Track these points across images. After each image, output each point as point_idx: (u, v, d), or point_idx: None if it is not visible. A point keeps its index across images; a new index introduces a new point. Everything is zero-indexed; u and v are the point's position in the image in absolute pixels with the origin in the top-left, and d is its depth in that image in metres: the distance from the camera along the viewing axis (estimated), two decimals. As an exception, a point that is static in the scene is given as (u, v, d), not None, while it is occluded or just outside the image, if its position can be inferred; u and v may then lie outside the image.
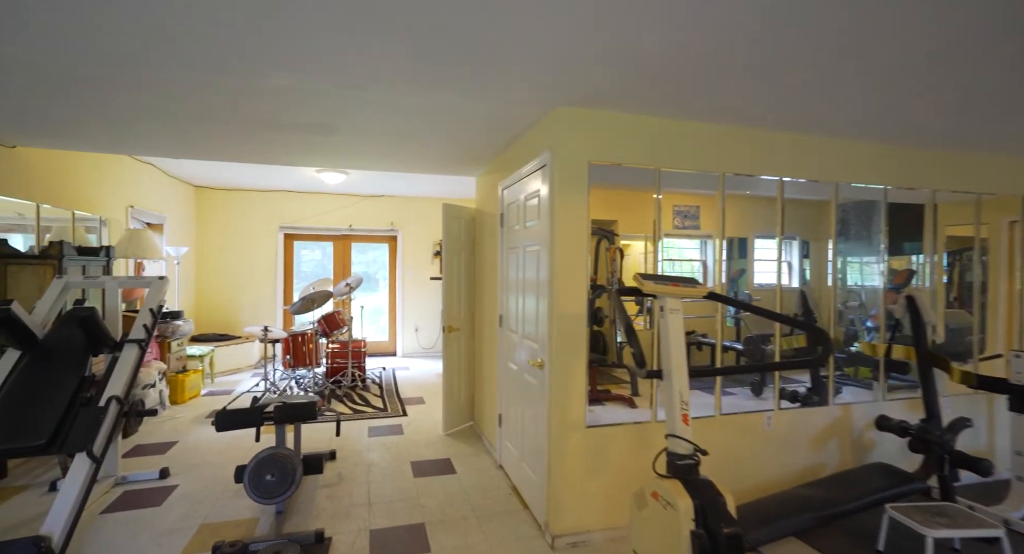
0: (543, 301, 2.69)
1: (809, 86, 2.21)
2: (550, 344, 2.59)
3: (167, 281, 3.26)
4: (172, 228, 6.17)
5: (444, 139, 3.28)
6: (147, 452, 3.80)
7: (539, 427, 2.74)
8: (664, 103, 2.45)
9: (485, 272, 4.14)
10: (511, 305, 3.33)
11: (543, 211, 2.71)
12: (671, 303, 1.95)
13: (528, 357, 2.93)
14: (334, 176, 5.91)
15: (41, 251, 3.30)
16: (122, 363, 2.79)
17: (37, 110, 2.77)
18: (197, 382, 5.40)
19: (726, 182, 2.78)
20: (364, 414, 4.81)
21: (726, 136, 2.77)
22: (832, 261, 3.07)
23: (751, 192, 2.96)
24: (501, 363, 3.54)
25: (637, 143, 2.62)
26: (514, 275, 3.25)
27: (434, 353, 7.91)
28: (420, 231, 7.89)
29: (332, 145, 3.45)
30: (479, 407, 4.35)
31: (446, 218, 4.22)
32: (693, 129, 2.71)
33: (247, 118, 2.85)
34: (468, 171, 4.36)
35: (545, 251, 2.64)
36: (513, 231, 3.31)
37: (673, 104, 2.46)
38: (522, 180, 3.10)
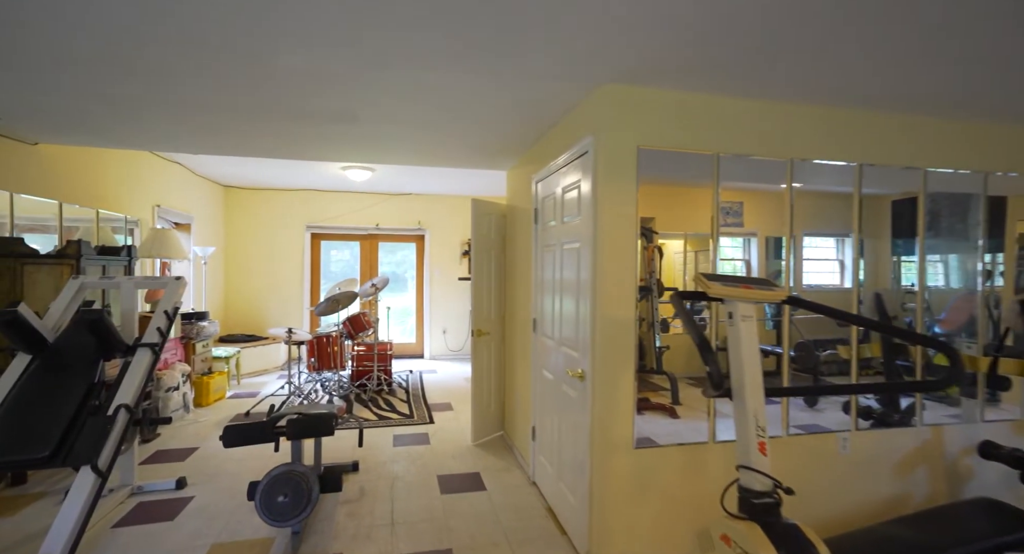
0: (584, 305, 2.39)
1: (926, 55, 1.85)
2: (592, 353, 2.30)
3: (184, 282, 3.10)
4: (200, 228, 6.12)
5: (472, 129, 3.02)
6: (166, 458, 3.67)
7: (579, 445, 2.45)
8: (727, 77, 2.12)
9: (517, 272, 3.87)
10: (546, 308, 3.05)
11: (584, 204, 2.42)
12: (743, 309, 1.64)
13: (566, 366, 2.63)
14: (360, 173, 5.74)
15: (58, 251, 3.19)
16: (133, 369, 2.63)
17: (45, 102, 2.64)
18: (222, 384, 5.30)
19: (769, 172, 2.42)
20: (389, 421, 4.60)
21: (795, 116, 2.42)
22: (920, 260, 2.67)
23: (803, 185, 2.58)
24: (535, 371, 3.26)
25: (692, 125, 2.30)
26: (550, 276, 2.97)
27: (462, 355, 7.68)
28: (448, 230, 7.68)
29: (355, 136, 3.23)
30: (510, 416, 4.08)
31: (475, 214, 3.97)
32: (758, 109, 2.37)
33: (263, 107, 2.65)
34: (498, 165, 4.10)
35: (587, 249, 2.34)
36: (548, 228, 3.02)
37: (738, 78, 2.13)
38: (559, 171, 2.81)
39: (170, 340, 4.54)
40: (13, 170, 3.33)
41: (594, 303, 2.29)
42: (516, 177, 3.98)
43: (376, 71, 2.13)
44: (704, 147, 2.30)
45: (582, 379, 2.40)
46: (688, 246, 2.61)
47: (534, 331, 3.28)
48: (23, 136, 3.35)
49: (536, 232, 3.26)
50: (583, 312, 2.42)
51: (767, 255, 2.63)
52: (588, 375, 2.34)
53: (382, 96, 2.45)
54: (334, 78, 2.22)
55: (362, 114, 2.73)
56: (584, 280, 2.40)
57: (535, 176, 3.27)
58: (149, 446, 3.88)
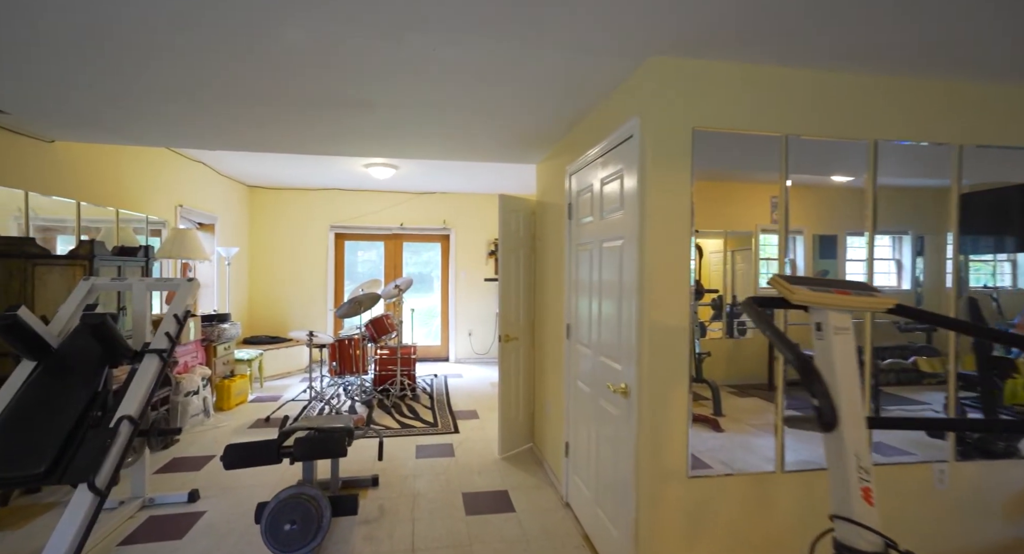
0: (628, 310, 2.10)
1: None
2: (639, 366, 2.00)
3: (196, 284, 2.94)
4: (223, 228, 6.04)
5: (499, 116, 2.76)
6: (182, 467, 3.52)
7: (622, 470, 2.15)
8: (798, 43, 1.80)
9: (548, 273, 3.59)
10: (582, 313, 2.76)
11: (628, 197, 2.12)
12: (836, 319, 1.32)
13: (606, 379, 2.34)
14: (383, 171, 5.55)
15: (70, 251, 3.07)
16: (139, 377, 2.46)
17: (51, 91, 2.49)
18: (244, 388, 5.19)
19: (837, 157, 2.07)
20: (412, 430, 4.38)
21: (879, 90, 2.07)
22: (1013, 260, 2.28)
23: (854, 180, 2.22)
24: (568, 382, 2.97)
25: (757, 102, 1.98)
26: (586, 277, 2.68)
27: (488, 359, 7.44)
28: (473, 229, 7.45)
29: (374, 127, 3.00)
30: (540, 428, 3.80)
31: (503, 211, 3.70)
32: (835, 83, 2.03)
33: (275, 94, 2.44)
34: (527, 157, 3.82)
35: (632, 247, 2.05)
36: (584, 224, 2.73)
37: (812, 44, 1.81)
38: (596, 161, 2.52)
39: (190, 343, 4.43)
40: (29, 168, 3.23)
41: (640, 308, 1.99)
42: (547, 171, 3.70)
43: (388, 42, 1.88)
44: (771, 126, 1.98)
45: (625, 395, 2.11)
46: (728, 245, 2.30)
47: (567, 337, 3.00)
48: (39, 133, 3.25)
49: (570, 229, 2.98)
50: (626, 318, 2.12)
51: (814, 254, 2.29)
52: (633, 391, 2.04)
53: (398, 78, 2.21)
54: (345, 57, 1.99)
55: (379, 100, 2.49)
56: (628, 282, 2.11)
57: (569, 168, 2.99)
58: (166, 453, 3.75)
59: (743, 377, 2.07)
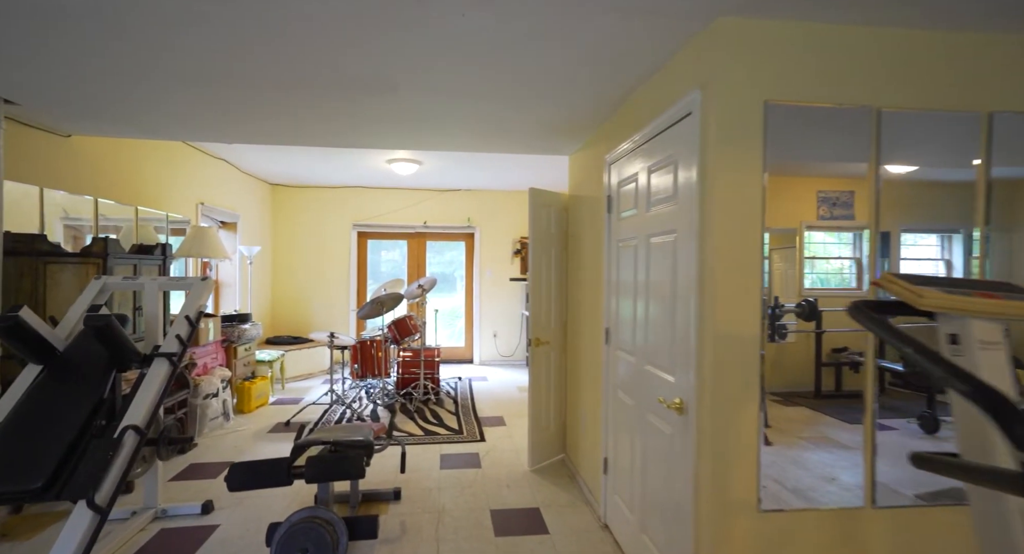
0: (684, 315, 1.82)
1: None
2: (699, 379, 1.73)
3: (210, 284, 2.77)
4: (246, 227, 5.94)
5: (532, 98, 2.51)
6: (198, 474, 3.37)
7: (676, 497, 1.88)
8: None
9: (583, 272, 3.32)
10: (623, 316, 2.49)
11: (683, 185, 1.85)
12: (984, 331, 1.03)
13: (656, 392, 2.07)
14: (406, 166, 5.36)
15: (83, 249, 2.94)
16: (147, 383, 2.29)
17: (53, 78, 2.35)
18: (265, 389, 5.06)
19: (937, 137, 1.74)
20: (436, 437, 4.16)
21: (994, 50, 1.74)
22: None
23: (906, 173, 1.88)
24: (607, 392, 2.70)
25: (841, 69, 1.68)
26: (629, 277, 2.41)
27: (514, 361, 7.20)
28: (498, 228, 7.22)
29: (397, 114, 2.79)
30: (573, 439, 3.54)
31: (533, 206, 3.45)
32: (940, 43, 1.72)
33: (294, 78, 2.25)
34: (559, 147, 3.56)
35: (689, 242, 1.78)
36: (626, 219, 2.46)
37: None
38: (643, 146, 2.24)
39: (210, 344, 4.31)
40: (44, 164, 3.12)
41: (700, 313, 1.72)
42: (582, 162, 3.43)
43: (414, 10, 1.65)
44: (861, 96, 1.68)
45: (681, 412, 1.83)
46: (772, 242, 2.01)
47: (606, 343, 2.73)
48: (55, 127, 3.14)
49: (609, 224, 2.71)
50: (681, 324, 1.85)
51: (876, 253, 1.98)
52: (690, 407, 1.77)
53: (422, 53, 1.98)
54: (364, 27, 1.77)
55: (402, 80, 2.27)
56: (683, 283, 1.84)
57: (608, 157, 2.72)
58: (183, 459, 3.61)
59: (787, 384, 1.79)
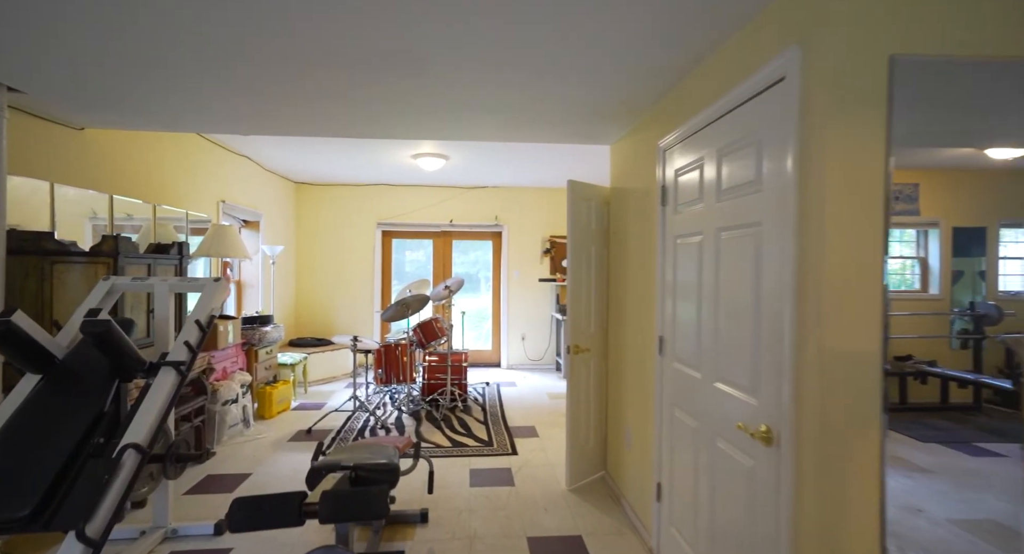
0: (773, 324, 1.50)
1: None
2: (797, 403, 1.40)
3: (223, 284, 2.55)
4: (269, 226, 5.79)
5: (576, 76, 2.20)
6: (213, 488, 3.17)
7: (760, 541, 1.56)
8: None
9: (628, 272, 3.00)
10: (683, 324, 2.16)
11: (773, 168, 1.52)
12: None
13: (730, 415, 1.74)
14: (432, 161, 5.11)
15: (92, 247, 2.76)
16: (152, 396, 2.07)
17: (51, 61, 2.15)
18: (286, 394, 4.87)
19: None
20: (465, 449, 3.89)
21: None
22: None
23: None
24: (661, 409, 2.38)
25: (990, 9, 1.33)
26: (690, 278, 2.08)
27: (543, 366, 6.89)
28: (527, 226, 6.92)
29: (426, 97, 2.52)
30: (615, 456, 3.22)
31: (572, 200, 3.15)
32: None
33: (309, 50, 2.00)
34: (601, 135, 3.24)
35: (782, 237, 1.45)
36: (686, 212, 2.14)
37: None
38: (711, 125, 1.92)
39: (229, 347, 4.13)
40: (57, 158, 2.96)
41: (799, 322, 1.39)
42: (627, 151, 3.11)
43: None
44: (1017, 48, 1.32)
45: (768, 442, 1.51)
46: None
47: (659, 353, 2.41)
48: (67, 118, 2.97)
49: (663, 218, 2.39)
50: (769, 335, 1.52)
51: (951, 251, 1.62)
52: (783, 437, 1.44)
53: (454, 22, 1.70)
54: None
55: (431, 56, 1.99)
56: (770, 286, 1.51)
57: (662, 143, 2.40)
58: (200, 470, 3.42)
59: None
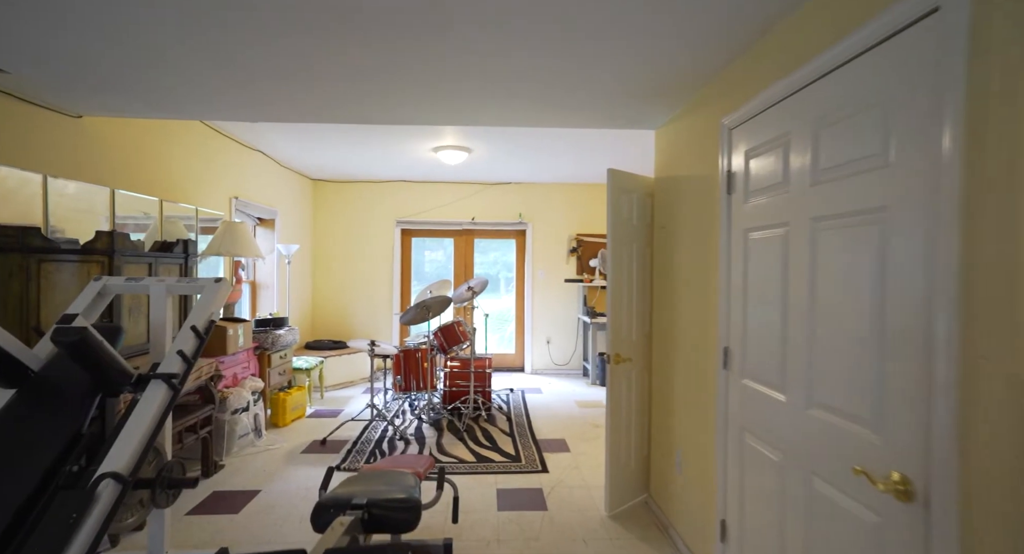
0: (911, 340, 1.14)
1: None
2: (961, 446, 1.04)
3: (225, 285, 2.27)
4: (285, 224, 5.56)
5: (626, 39, 1.86)
6: (220, 506, 2.91)
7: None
8: None
9: (678, 272, 2.64)
10: (757, 333, 1.80)
11: (910, 134, 1.16)
12: None
13: (842, 455, 1.38)
14: (454, 155, 4.81)
15: (84, 244, 2.52)
16: (138, 414, 1.78)
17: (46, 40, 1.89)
18: (301, 401, 4.62)
19: None
20: (490, 465, 3.57)
21: None
22: None
23: None
24: (726, 432, 2.02)
25: None
26: (771, 278, 1.72)
27: (569, 371, 6.54)
28: (553, 224, 6.58)
29: (449, 69, 2.20)
30: (661, 477, 2.86)
31: (613, 190, 2.80)
32: None
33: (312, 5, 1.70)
34: (646, 118, 2.88)
35: (940, 224, 1.08)
36: (763, 199, 1.78)
37: None
38: (803, 92, 1.55)
39: (240, 351, 3.88)
40: (51, 148, 2.73)
41: (964, 341, 1.02)
42: (676, 135, 2.75)
43: None
44: None
45: (905, 496, 1.14)
46: None
47: (724, 367, 2.05)
48: (61, 105, 2.74)
49: (729, 209, 2.03)
50: (899, 354, 1.16)
51: None
52: (938, 496, 1.08)
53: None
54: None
55: (455, 8, 1.66)
56: (904, 290, 1.15)
57: (727, 120, 2.04)
58: (206, 485, 3.17)
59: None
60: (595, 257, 6.43)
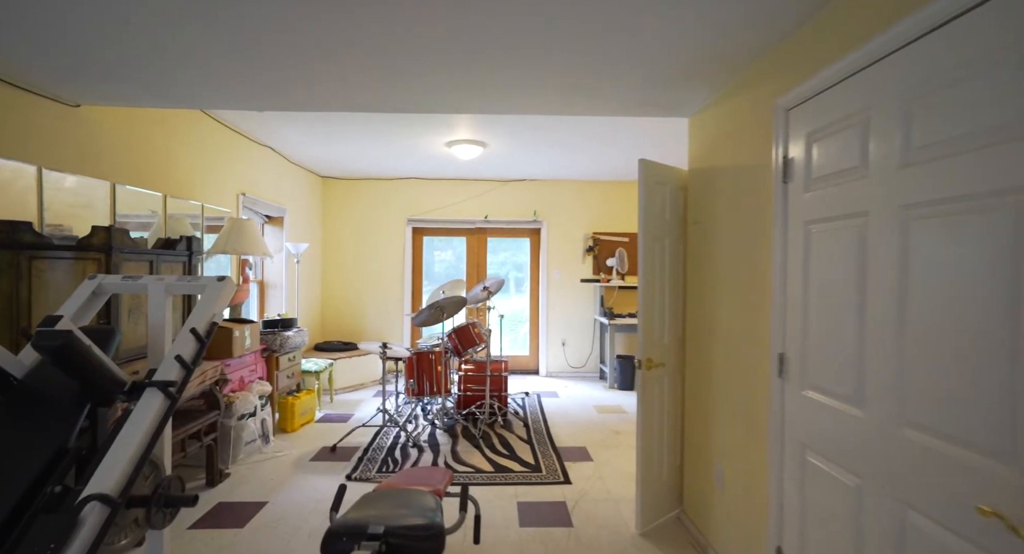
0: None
1: None
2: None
3: (229, 283, 2.09)
4: (293, 222, 5.40)
5: (664, 16, 1.65)
6: (225, 519, 2.73)
7: None
8: None
9: (716, 270, 2.43)
10: (823, 338, 1.59)
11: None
12: None
13: (957, 489, 1.16)
14: (469, 149, 4.62)
15: (79, 241, 2.35)
16: (130, 426, 1.60)
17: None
18: (311, 404, 4.45)
19: None
20: (509, 475, 3.37)
21: None
22: None
23: None
24: (782, 449, 1.80)
25: None
26: (843, 276, 1.50)
27: (586, 374, 6.33)
28: (569, 222, 6.37)
29: (465, 46, 2.01)
30: (697, 492, 2.65)
31: (646, 182, 2.59)
32: None
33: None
34: (680, 103, 2.67)
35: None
36: (832, 186, 1.56)
37: None
38: (889, 57, 1.34)
39: (247, 354, 3.72)
40: (47, 138, 2.57)
41: None
42: (716, 120, 2.53)
43: None
44: None
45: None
46: None
47: (779, 375, 1.83)
48: (57, 93, 2.58)
49: (785, 199, 1.82)
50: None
51: None
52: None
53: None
54: None
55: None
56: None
57: (783, 100, 1.82)
58: (211, 496, 3.00)
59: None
60: (612, 256, 6.22)
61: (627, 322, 5.70)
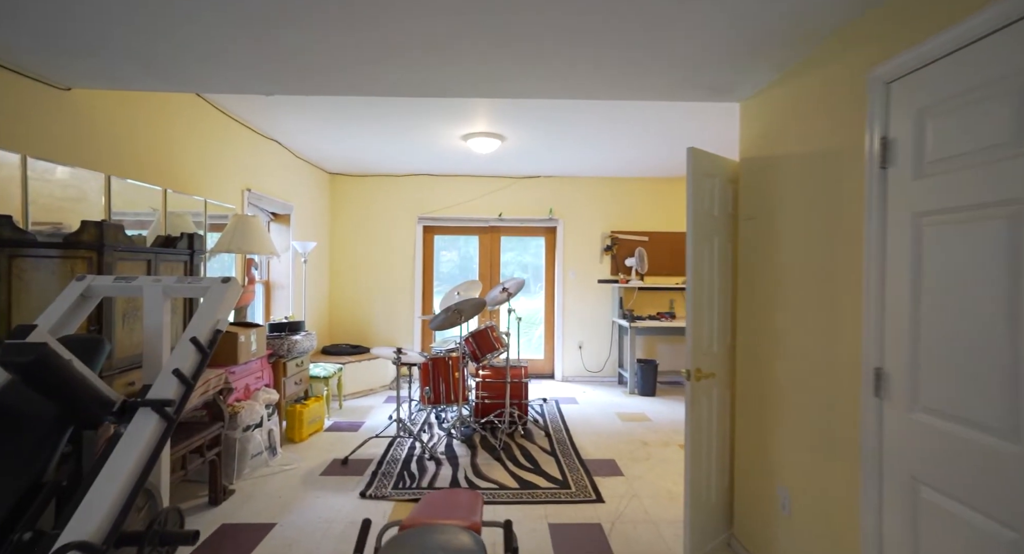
0: None
1: None
2: None
3: (234, 286, 1.84)
4: (300, 220, 5.15)
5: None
6: (227, 546, 2.48)
7: None
8: None
9: (779, 272, 2.16)
10: (948, 351, 1.32)
11: None
12: None
13: None
14: (486, 143, 4.37)
15: (67, 237, 2.10)
16: (117, 457, 1.35)
17: None
18: (319, 412, 4.20)
19: None
20: (535, 491, 3.11)
21: None
22: None
23: None
24: (880, 478, 1.54)
25: None
26: (981, 277, 1.24)
27: (603, 379, 6.07)
28: (586, 220, 6.11)
29: (494, 22, 1.76)
30: (749, 513, 2.38)
31: (694, 172, 2.33)
32: None
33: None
34: (732, 86, 2.41)
35: None
36: (962, 169, 1.30)
37: None
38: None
39: (253, 360, 3.47)
40: (34, 124, 2.33)
41: None
42: (779, 103, 2.26)
43: None
44: None
45: None
46: None
47: (876, 394, 1.57)
48: (46, 74, 2.34)
49: (884, 188, 1.55)
50: None
51: None
52: None
53: None
54: None
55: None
56: None
57: (882, 70, 1.56)
58: (214, 517, 2.75)
59: None
60: (631, 256, 5.95)
61: (647, 324, 5.44)
